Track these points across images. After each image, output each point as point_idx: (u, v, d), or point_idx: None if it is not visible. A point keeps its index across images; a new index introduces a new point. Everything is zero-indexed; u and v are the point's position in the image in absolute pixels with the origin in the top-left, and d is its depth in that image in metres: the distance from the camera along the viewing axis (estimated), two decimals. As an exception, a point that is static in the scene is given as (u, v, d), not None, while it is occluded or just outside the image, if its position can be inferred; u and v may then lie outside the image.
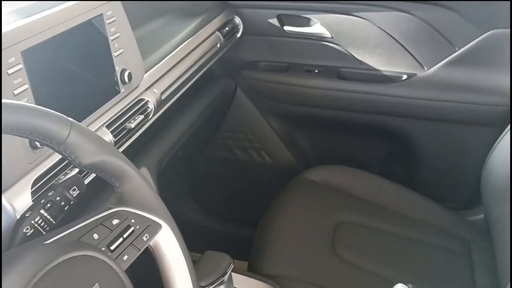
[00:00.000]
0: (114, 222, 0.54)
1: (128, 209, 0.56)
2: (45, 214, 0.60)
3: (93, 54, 0.81)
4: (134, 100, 0.93)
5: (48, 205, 0.60)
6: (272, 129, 1.53)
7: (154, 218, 0.58)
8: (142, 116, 0.93)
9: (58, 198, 0.61)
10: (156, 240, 0.58)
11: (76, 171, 0.74)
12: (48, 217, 0.60)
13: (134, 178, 0.56)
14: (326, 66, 1.37)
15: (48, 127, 0.48)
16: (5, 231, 0.61)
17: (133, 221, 0.55)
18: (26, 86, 0.66)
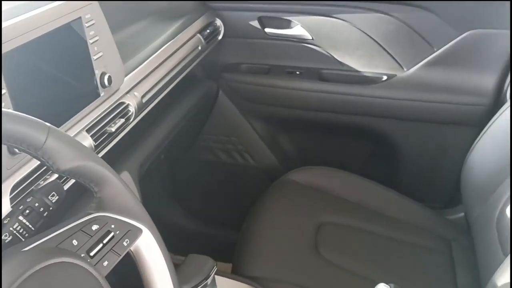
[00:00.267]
0: (93, 228, 0.53)
1: (108, 214, 0.55)
2: (24, 221, 0.59)
3: (72, 58, 0.81)
4: (115, 103, 0.92)
5: (27, 211, 0.59)
6: (255, 131, 1.54)
7: (134, 223, 0.57)
8: (122, 120, 0.92)
9: (37, 204, 0.60)
10: (136, 245, 0.57)
11: (55, 176, 0.73)
12: (27, 223, 0.59)
13: (113, 183, 0.56)
14: (307, 68, 1.37)
15: (25, 132, 0.48)
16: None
17: (113, 226, 0.55)
18: (3, 91, 0.65)
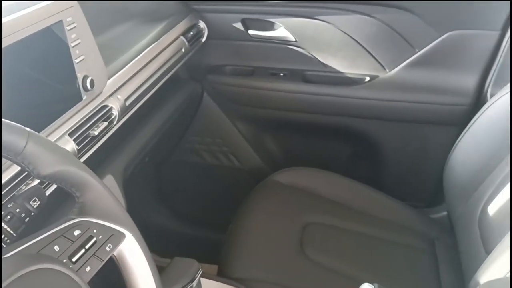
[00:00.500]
0: (75, 233, 0.53)
1: (90, 219, 0.55)
2: (5, 227, 0.58)
3: (53, 61, 0.80)
4: (97, 107, 0.92)
5: (8, 217, 0.59)
6: (240, 133, 1.54)
7: (117, 227, 0.57)
8: (106, 123, 0.92)
9: (18, 210, 0.60)
10: (120, 249, 0.57)
11: (37, 181, 0.72)
12: (8, 229, 0.58)
13: (95, 187, 0.55)
14: (291, 70, 1.38)
15: (4, 138, 0.48)
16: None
17: (95, 231, 0.55)
18: (-16, 95, 0.65)
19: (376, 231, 1.18)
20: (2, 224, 0.58)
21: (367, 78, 1.31)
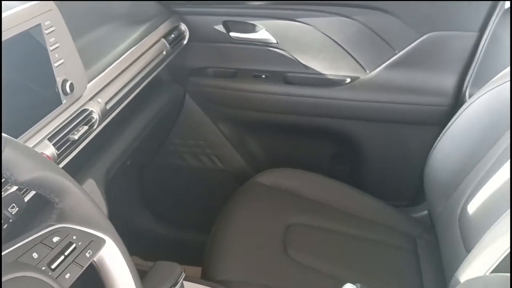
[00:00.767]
0: (54, 240, 0.52)
1: (69, 226, 0.55)
2: (-18, 234, 0.58)
3: (32, 66, 0.79)
4: (77, 111, 0.91)
5: (-15, 224, 0.58)
6: (223, 135, 1.54)
7: (97, 233, 0.57)
8: (86, 127, 0.91)
9: (-4, 217, 0.59)
10: (100, 255, 0.57)
11: (15, 187, 0.71)
12: (-14, 236, 0.58)
13: (74, 193, 0.55)
14: (273, 71, 1.38)
15: (-20, 145, 0.47)
16: None
17: (74, 237, 0.54)
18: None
19: (358, 231, 1.19)
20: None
21: (348, 80, 1.32)
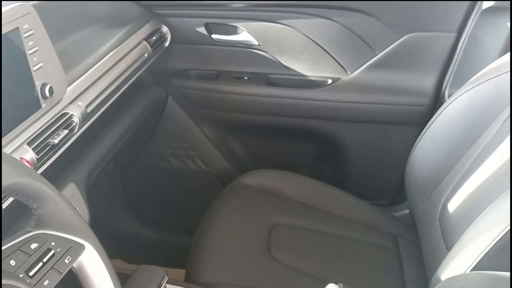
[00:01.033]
0: (32, 246, 0.52)
1: (47, 232, 0.54)
2: (-41, 242, 0.57)
3: (10, 70, 0.78)
4: (57, 114, 0.91)
5: (-37, 231, 0.58)
6: (206, 136, 1.54)
7: (76, 239, 0.56)
8: (66, 131, 0.90)
9: (-27, 224, 0.58)
10: (79, 261, 0.56)
11: (-7, 194, 0.71)
12: (-37, 244, 0.57)
13: (52, 199, 0.54)
14: (255, 73, 1.39)
15: (-45, 152, 0.47)
16: None
17: (53, 243, 0.54)
18: None
19: (341, 231, 1.20)
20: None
21: (330, 81, 1.33)
